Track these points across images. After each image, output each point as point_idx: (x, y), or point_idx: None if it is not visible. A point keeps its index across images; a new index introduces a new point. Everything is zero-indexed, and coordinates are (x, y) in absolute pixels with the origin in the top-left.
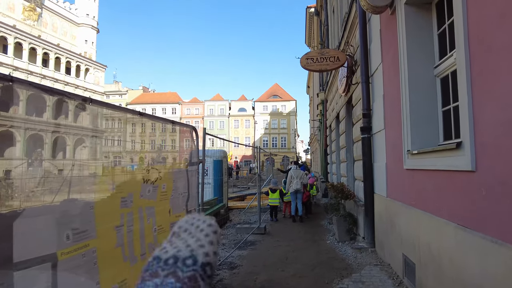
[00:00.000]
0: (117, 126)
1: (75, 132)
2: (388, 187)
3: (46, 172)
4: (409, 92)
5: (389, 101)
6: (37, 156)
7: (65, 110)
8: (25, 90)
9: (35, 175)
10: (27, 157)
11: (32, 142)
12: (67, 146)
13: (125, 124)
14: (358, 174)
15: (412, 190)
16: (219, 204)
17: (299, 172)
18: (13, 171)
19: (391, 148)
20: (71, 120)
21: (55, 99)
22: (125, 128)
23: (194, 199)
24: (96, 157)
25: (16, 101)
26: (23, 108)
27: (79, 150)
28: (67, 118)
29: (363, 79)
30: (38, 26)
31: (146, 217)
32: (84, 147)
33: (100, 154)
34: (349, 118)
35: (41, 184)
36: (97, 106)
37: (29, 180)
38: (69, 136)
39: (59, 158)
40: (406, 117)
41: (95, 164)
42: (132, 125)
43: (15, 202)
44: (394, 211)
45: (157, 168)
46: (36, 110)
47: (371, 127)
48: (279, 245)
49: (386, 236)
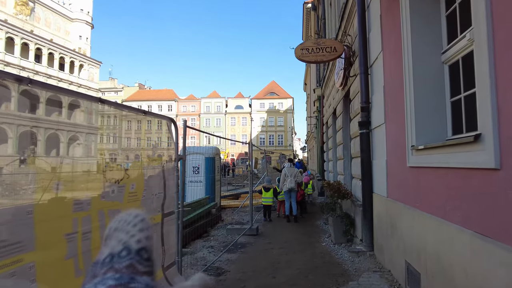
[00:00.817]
0: (82, 118)
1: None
2: (388, 186)
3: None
4: (414, 81)
5: (390, 92)
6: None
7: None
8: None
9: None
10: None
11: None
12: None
13: (89, 115)
14: (356, 172)
15: (416, 191)
16: (210, 204)
17: (293, 170)
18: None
19: (392, 144)
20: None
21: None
22: (90, 119)
23: (172, 200)
24: (48, 152)
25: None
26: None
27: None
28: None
29: (362, 70)
30: (31, 21)
31: (110, 221)
32: (39, 140)
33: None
34: (347, 113)
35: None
36: (39, 88)
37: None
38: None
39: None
40: (410, 109)
41: (46, 161)
42: (105, 118)
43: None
44: (395, 213)
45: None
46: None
47: (370, 121)
48: (271, 248)
49: (386, 240)
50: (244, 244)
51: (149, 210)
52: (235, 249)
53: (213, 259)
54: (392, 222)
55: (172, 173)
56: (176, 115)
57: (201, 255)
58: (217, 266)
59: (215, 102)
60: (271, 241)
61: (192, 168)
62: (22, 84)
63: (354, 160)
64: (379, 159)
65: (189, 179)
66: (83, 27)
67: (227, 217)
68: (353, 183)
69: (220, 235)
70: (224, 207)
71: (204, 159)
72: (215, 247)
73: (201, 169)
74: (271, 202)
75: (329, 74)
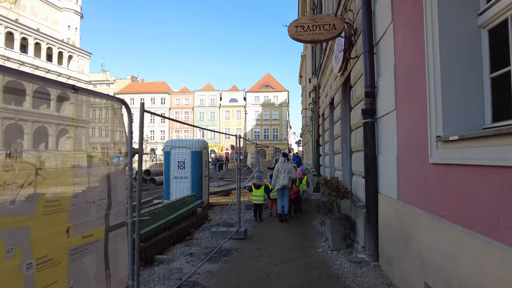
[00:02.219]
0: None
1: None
2: (400, 186)
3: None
4: (440, 54)
5: (404, 71)
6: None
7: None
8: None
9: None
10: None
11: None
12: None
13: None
14: (357, 169)
15: (444, 195)
16: (196, 202)
17: (287, 166)
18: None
19: (406, 135)
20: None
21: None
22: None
23: (121, 207)
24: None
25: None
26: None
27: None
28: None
29: (366, 49)
30: (16, 9)
31: (4, 247)
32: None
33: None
34: (346, 102)
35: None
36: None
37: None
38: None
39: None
40: (434, 90)
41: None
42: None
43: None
44: (410, 221)
45: (32, 162)
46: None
47: (376, 109)
48: (260, 255)
49: (396, 251)
50: (230, 250)
51: (84, 224)
52: (218, 257)
53: (191, 271)
54: (406, 231)
55: (123, 173)
56: (169, 108)
57: (178, 265)
58: (193, 280)
59: (209, 95)
60: (260, 246)
61: (177, 163)
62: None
63: (355, 154)
64: (387, 153)
65: (173, 175)
66: (71, 17)
67: (214, 216)
68: (354, 181)
69: (204, 238)
70: (213, 204)
71: (190, 153)
72: (195, 254)
73: (186, 164)
74: (263, 200)
75: (326, 61)
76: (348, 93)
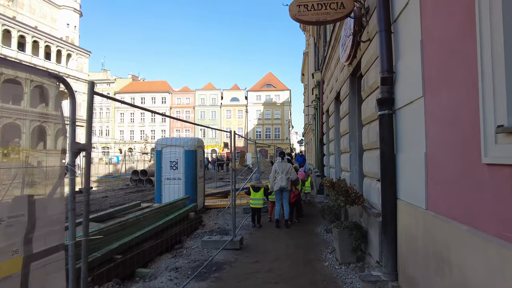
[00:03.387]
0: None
1: None
2: (429, 193)
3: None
4: (504, 18)
5: (436, 48)
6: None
7: None
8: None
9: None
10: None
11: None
12: None
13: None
14: (370, 170)
15: (508, 209)
16: (188, 206)
17: (285, 166)
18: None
19: (439, 127)
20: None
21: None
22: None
23: (56, 227)
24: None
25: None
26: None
27: None
28: None
29: (382, 27)
30: (14, 6)
31: None
32: None
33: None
34: (354, 96)
35: None
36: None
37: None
38: None
39: None
40: (492, 65)
41: None
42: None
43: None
44: (447, 239)
45: None
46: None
47: (394, 98)
48: (256, 271)
49: (424, 272)
50: (222, 264)
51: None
52: (207, 274)
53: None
54: (439, 250)
55: (57, 177)
56: (170, 108)
57: (158, 283)
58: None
59: (210, 94)
60: (257, 259)
61: (169, 163)
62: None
63: (367, 153)
64: (410, 151)
65: (165, 176)
66: (70, 15)
67: (209, 221)
68: (365, 184)
69: (195, 247)
70: (209, 207)
71: (184, 152)
72: (181, 269)
73: (179, 164)
74: (262, 204)
75: (330, 52)
76: (358, 84)
